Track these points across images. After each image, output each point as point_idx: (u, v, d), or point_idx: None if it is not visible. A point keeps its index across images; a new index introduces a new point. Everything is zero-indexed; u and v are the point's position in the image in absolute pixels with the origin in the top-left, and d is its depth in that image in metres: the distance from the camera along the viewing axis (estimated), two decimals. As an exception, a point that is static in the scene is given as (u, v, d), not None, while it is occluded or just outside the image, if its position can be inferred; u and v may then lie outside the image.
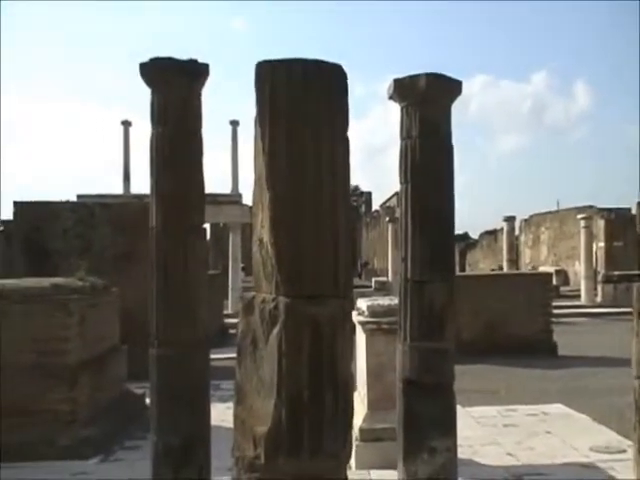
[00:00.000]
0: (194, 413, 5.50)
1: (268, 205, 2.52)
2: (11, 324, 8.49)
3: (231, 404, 8.78)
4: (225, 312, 22.34)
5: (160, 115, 5.48)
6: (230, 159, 28.39)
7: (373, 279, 29.41)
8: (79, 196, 23.48)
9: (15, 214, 14.22)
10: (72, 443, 8.15)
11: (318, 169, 2.51)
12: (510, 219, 32.54)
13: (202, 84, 5.69)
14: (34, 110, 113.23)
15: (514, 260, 32.46)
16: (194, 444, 5.51)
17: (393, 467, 5.94)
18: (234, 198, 27.10)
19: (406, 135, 5.55)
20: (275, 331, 2.46)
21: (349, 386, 2.52)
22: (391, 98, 5.78)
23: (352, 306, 2.65)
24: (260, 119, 2.60)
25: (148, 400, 10.10)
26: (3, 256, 22.58)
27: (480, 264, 41.53)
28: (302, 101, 2.55)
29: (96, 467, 7.80)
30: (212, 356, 5.99)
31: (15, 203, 14.16)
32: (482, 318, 15.21)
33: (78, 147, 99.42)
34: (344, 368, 2.51)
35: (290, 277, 2.46)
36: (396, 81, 5.64)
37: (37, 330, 8.55)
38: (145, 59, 5.50)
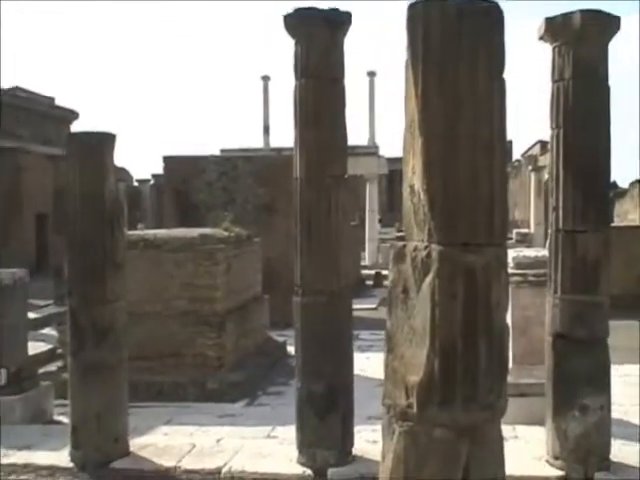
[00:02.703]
0: (337, 361, 5.58)
1: (420, 151, 2.45)
2: (163, 272, 8.95)
3: (370, 354, 8.87)
4: (362, 264, 22.51)
5: (303, 66, 5.48)
6: (367, 110, 28.25)
7: (514, 230, 28.56)
8: (222, 150, 24.20)
9: (165, 168, 14.89)
10: (219, 387, 8.55)
11: (473, 111, 2.40)
12: (665, 167, 30.37)
13: (344, 33, 5.62)
14: (183, 69, 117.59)
15: (669, 211, 30.38)
16: (337, 391, 5.61)
17: (539, 423, 5.79)
18: (371, 149, 27.01)
19: (558, 77, 5.24)
20: (428, 280, 2.40)
21: (505, 337, 2.44)
22: (541, 39, 5.47)
23: (507, 254, 2.54)
24: (412, 62, 2.50)
25: (289, 348, 10.46)
26: (154, 208, 23.84)
27: (630, 215, 39.15)
28: (456, 41, 2.43)
29: (242, 410, 8.13)
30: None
31: (164, 158, 14.80)
32: (636, 272, 14.40)
33: (221, 102, 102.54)
34: (499, 318, 2.42)
35: (443, 224, 2.39)
36: (548, 20, 5.33)
37: (187, 278, 8.97)
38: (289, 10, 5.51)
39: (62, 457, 6.05)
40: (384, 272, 20.41)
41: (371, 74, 28.40)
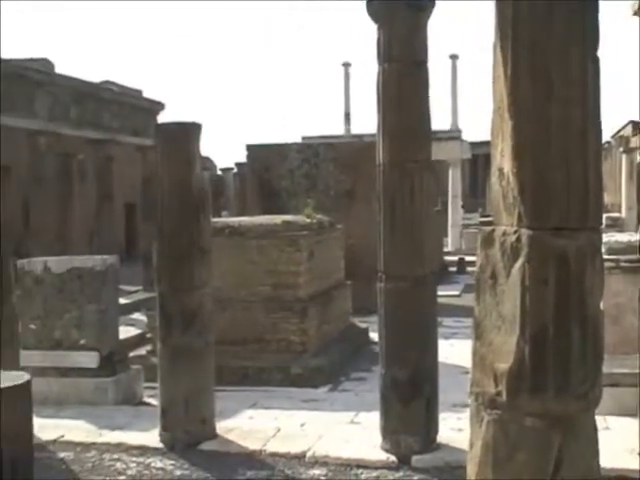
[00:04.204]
0: (422, 347, 5.54)
1: (510, 133, 2.38)
2: (247, 259, 9.09)
3: (454, 341, 8.75)
4: (444, 250, 22.25)
5: (386, 51, 5.43)
6: (450, 94, 27.84)
7: (604, 215, 27.58)
8: (304, 138, 24.35)
9: (248, 156, 15.08)
10: (303, 372, 8.61)
11: (566, 93, 2.32)
12: None
13: (428, 16, 5.54)
14: (265, 57, 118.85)
15: None
16: (422, 378, 5.57)
17: (632, 415, 5.60)
18: (454, 134, 26.64)
19: (654, 54, 5.02)
20: (517, 265, 2.34)
21: (599, 325, 2.36)
22: (635, 14, 5.26)
23: (602, 239, 2.45)
24: (501, 43, 2.44)
25: (372, 334, 10.45)
26: (238, 195, 24.26)
27: None
28: (548, 20, 2.35)
29: (325, 395, 8.18)
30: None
31: (248, 146, 15.00)
32: None
33: (301, 90, 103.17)
34: (594, 305, 2.34)
35: (534, 208, 2.32)
36: (642, -6, 5.11)
37: (270, 264, 9.08)
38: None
39: (152, 438, 6.24)
40: (467, 258, 20.11)
41: (453, 57, 27.97)
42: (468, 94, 60.77)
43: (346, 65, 30.31)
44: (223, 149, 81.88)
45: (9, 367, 4.74)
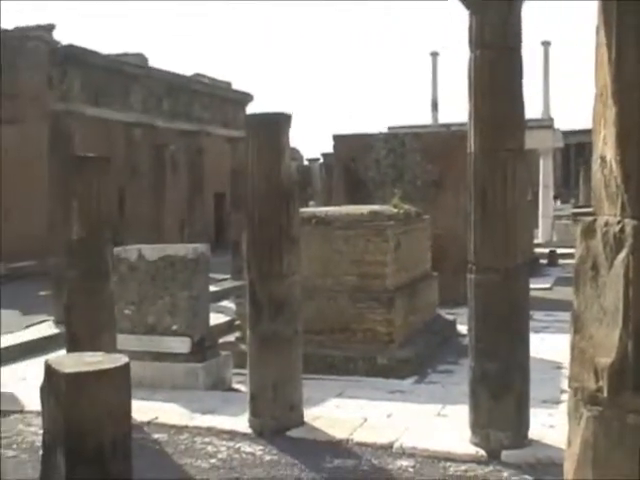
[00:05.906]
0: (513, 340, 5.43)
1: (614, 120, 2.29)
2: (334, 248, 9.12)
3: (545, 335, 8.52)
4: (535, 241, 21.71)
5: (478, 37, 5.33)
6: (542, 82, 27.09)
7: None
8: (390, 127, 24.20)
9: (334, 147, 15.12)
10: (389, 362, 8.59)
11: (675, 75, 2.20)
12: None
13: (522, 1, 5.40)
14: (351, 47, 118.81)
15: None
16: (513, 372, 5.46)
17: None
18: (545, 122, 25.90)
19: None
20: (620, 256, 2.25)
21: None
22: None
23: None
24: (604, 25, 2.34)
25: (459, 327, 10.31)
26: (324, 185, 24.37)
27: None
28: (656, -2, 2.24)
29: (411, 387, 8.12)
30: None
31: (334, 136, 15.02)
32: None
33: (388, 81, 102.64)
34: None
35: (639, 197, 2.22)
36: None
37: (357, 254, 9.08)
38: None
39: (241, 423, 6.37)
40: (559, 251, 19.56)
41: (546, 44, 27.18)
42: (560, 82, 59.07)
43: (434, 54, 29.98)
44: (310, 140, 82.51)
45: (107, 350, 4.93)
